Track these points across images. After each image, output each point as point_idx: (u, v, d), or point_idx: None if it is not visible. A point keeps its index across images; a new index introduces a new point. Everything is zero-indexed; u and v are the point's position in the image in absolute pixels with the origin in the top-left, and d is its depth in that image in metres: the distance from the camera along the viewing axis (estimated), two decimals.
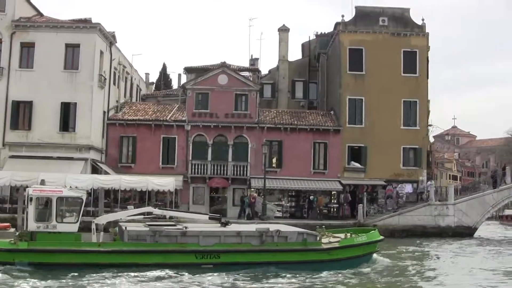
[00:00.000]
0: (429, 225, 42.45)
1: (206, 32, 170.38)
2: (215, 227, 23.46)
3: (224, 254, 21.59)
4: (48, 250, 20.99)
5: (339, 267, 22.40)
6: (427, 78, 50.08)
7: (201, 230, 22.22)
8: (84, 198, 22.45)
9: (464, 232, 42.34)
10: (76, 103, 44.17)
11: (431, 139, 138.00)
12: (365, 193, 45.98)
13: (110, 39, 47.25)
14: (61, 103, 44.09)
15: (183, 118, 47.63)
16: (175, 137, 47.60)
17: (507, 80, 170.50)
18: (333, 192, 47.66)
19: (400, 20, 49.23)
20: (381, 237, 25.45)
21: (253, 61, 61.71)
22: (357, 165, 47.55)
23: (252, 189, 44.70)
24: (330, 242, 23.57)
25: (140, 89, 58.29)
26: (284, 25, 56.42)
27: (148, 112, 49.51)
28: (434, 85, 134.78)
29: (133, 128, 47.58)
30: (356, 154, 47.82)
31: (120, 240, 21.72)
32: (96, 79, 44.73)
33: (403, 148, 47.99)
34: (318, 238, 23.12)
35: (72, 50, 44.60)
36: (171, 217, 28.33)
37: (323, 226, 25.94)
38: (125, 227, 21.82)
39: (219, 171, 46.92)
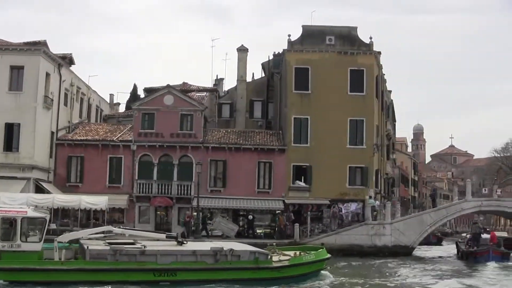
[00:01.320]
0: (366, 245, 42.25)
1: (176, 52, 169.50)
2: (171, 245, 24.45)
3: (181, 272, 22.77)
4: (13, 268, 21.87)
5: (289, 283, 23.76)
6: (377, 96, 50.00)
7: (159, 249, 23.39)
8: (48, 218, 23.36)
9: (401, 252, 41.90)
10: (19, 123, 44.76)
11: (428, 158, 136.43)
12: (309, 213, 45.65)
13: (58, 61, 47.87)
14: (5, 123, 44.70)
15: (130, 138, 47.96)
16: (121, 157, 47.98)
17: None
18: (277, 212, 47.38)
19: (347, 38, 49.22)
20: (329, 255, 27.13)
21: (218, 81, 62.25)
22: (302, 184, 47.44)
23: (188, 210, 44.88)
24: (280, 260, 24.76)
25: (102, 110, 58.85)
26: (242, 45, 56.76)
27: (100, 132, 50.02)
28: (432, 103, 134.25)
29: (81, 148, 48.13)
30: (301, 173, 47.71)
31: (82, 259, 22.76)
32: (41, 100, 45.32)
33: (349, 167, 47.69)
34: (269, 257, 24.42)
35: (17, 71, 45.27)
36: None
37: (274, 244, 27.78)
38: (87, 246, 22.79)
39: (164, 190, 47.19)
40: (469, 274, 31.84)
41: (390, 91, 64.02)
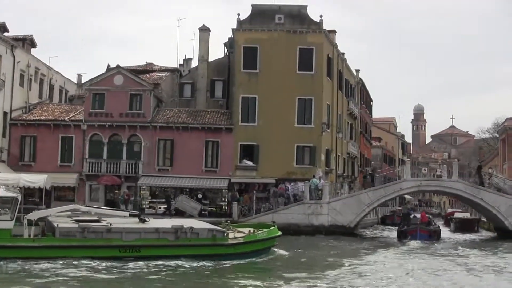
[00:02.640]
0: (302, 224, 42.25)
1: (147, 33, 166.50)
2: (134, 223, 25.62)
3: (144, 248, 24.07)
4: None
5: (243, 259, 25.20)
6: (330, 76, 49.92)
7: (124, 226, 24.63)
8: (19, 198, 24.37)
9: (338, 231, 41.91)
10: None
11: (429, 139, 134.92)
12: (254, 191, 45.85)
13: (11, 42, 48.46)
14: None
15: (81, 118, 48.57)
16: (72, 137, 48.65)
17: None
18: (224, 190, 47.66)
19: (297, 17, 48.95)
20: (280, 233, 28.61)
21: (186, 61, 62.27)
22: (249, 163, 47.61)
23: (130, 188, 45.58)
24: (235, 237, 26.13)
25: (67, 91, 59.46)
26: (203, 25, 56.45)
27: (55, 112, 50.65)
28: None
29: (34, 128, 48.88)
30: (249, 152, 47.83)
31: (52, 236, 23.82)
32: None
33: (297, 146, 47.65)
34: (225, 234, 25.74)
35: None
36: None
37: (228, 221, 30.22)
38: (57, 224, 24.00)
39: (113, 169, 47.77)
40: (373, 252, 31.84)
41: (358, 70, 63.66)
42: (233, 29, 49.21)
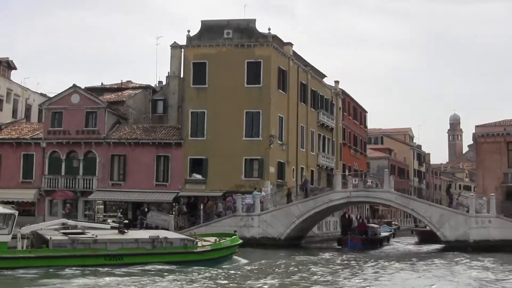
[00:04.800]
0: None
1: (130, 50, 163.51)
2: (115, 234, 28.39)
3: (126, 257, 26.86)
4: None
5: (210, 264, 27.81)
6: (283, 88, 50.14)
7: (108, 237, 27.45)
8: (16, 214, 26.88)
9: (268, 244, 41.90)
10: None
11: (465, 148, 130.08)
12: (202, 205, 46.41)
13: None
14: None
15: (40, 136, 50.57)
16: (33, 154, 50.66)
17: None
18: (174, 204, 48.43)
19: (245, 31, 49.33)
20: (241, 241, 32.00)
21: (169, 78, 63.42)
22: (198, 176, 48.21)
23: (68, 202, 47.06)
24: (203, 246, 29.11)
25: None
26: (175, 42, 57.63)
27: (23, 131, 52.87)
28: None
29: None
30: (198, 166, 48.42)
31: (46, 247, 26.25)
32: None
33: (245, 159, 47.90)
34: (195, 243, 28.76)
35: None
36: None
37: (195, 232, 33.23)
38: (50, 237, 26.46)
39: (70, 184, 49.47)
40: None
41: (337, 82, 63.31)
42: (182, 46, 49.98)
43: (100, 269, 25.28)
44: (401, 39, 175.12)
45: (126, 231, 29.01)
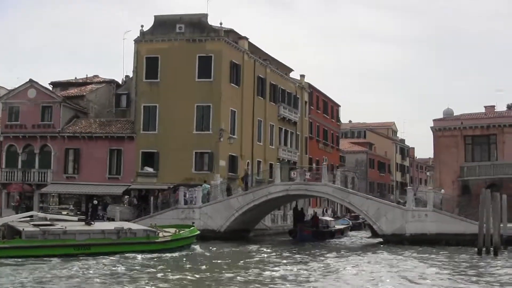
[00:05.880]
0: None
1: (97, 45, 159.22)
2: (82, 225, 30.28)
3: (93, 247, 28.59)
4: None
5: (171, 253, 29.78)
6: (236, 82, 50.51)
7: (76, 229, 29.33)
8: None
9: (209, 236, 42.31)
10: None
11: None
12: (152, 197, 47.00)
13: None
14: None
15: None
16: None
17: None
18: (125, 196, 49.07)
19: (197, 26, 49.77)
20: (198, 232, 34.20)
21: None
22: (150, 170, 48.84)
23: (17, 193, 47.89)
24: (164, 236, 31.09)
25: None
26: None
27: None
28: None
29: None
30: (150, 159, 49.04)
31: (19, 238, 27.82)
32: None
33: (196, 152, 48.42)
34: (157, 233, 30.79)
35: None
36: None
37: (155, 224, 33.95)
38: (22, 228, 28.14)
39: (27, 177, 50.29)
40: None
41: (303, 76, 63.50)
42: (135, 41, 50.48)
43: (69, 258, 26.61)
44: (395, 34, 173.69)
45: (92, 222, 30.90)
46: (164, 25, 50.21)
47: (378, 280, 22.33)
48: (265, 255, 31.83)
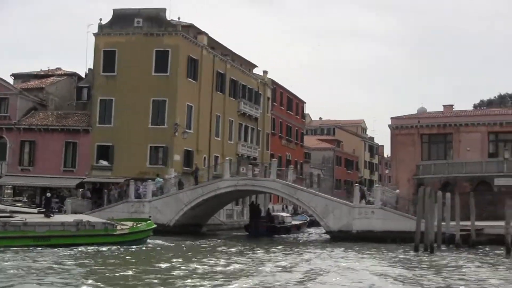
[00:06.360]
0: None
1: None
2: (42, 218, 30.65)
3: (53, 238, 28.93)
4: None
5: (129, 245, 30.57)
6: (193, 77, 50.65)
7: (36, 220, 29.68)
8: None
9: (159, 230, 42.38)
10: None
11: None
12: (105, 191, 47.02)
13: None
14: None
15: None
16: None
17: None
18: (79, 189, 49.12)
19: (155, 20, 49.91)
20: (155, 225, 34.65)
21: None
22: (105, 163, 48.94)
23: None
24: (122, 229, 31.63)
25: None
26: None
27: None
28: None
29: None
30: (105, 152, 49.12)
31: None
32: None
33: (150, 146, 48.57)
34: (115, 226, 31.37)
35: None
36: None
37: (113, 217, 34.49)
38: None
39: None
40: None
41: (265, 72, 63.72)
42: (94, 34, 50.49)
43: (29, 250, 26.79)
44: (371, 31, 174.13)
45: (52, 215, 31.30)
46: (122, 18, 50.31)
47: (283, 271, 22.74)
48: (210, 249, 32.44)
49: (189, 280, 19.77)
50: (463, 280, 21.54)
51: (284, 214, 53.72)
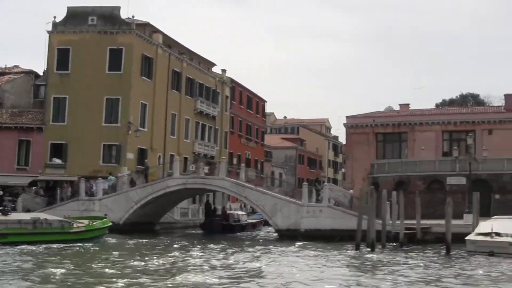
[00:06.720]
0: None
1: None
2: None
3: (10, 236, 29.20)
4: None
5: (85, 242, 31.08)
6: (148, 76, 50.67)
7: None
8: None
9: (110, 228, 42.39)
10: None
11: None
12: (58, 189, 46.86)
13: None
14: None
15: None
16: None
17: None
18: (32, 187, 48.90)
19: (109, 18, 49.90)
20: (110, 223, 35.16)
21: None
22: (58, 161, 48.82)
23: None
24: (78, 227, 32.23)
25: None
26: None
27: None
28: None
29: None
30: (58, 151, 49.00)
31: None
32: None
33: (104, 145, 48.56)
34: (71, 224, 31.89)
35: None
36: None
37: (69, 215, 34.74)
38: None
39: None
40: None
41: (224, 70, 63.94)
42: (48, 32, 50.32)
43: None
44: (344, 31, 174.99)
45: (9, 213, 31.47)
46: (76, 16, 50.27)
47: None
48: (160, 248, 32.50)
49: (123, 279, 19.79)
50: (384, 277, 21.82)
51: (239, 212, 54.01)
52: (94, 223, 33.70)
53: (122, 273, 21.36)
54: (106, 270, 22.07)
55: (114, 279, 19.54)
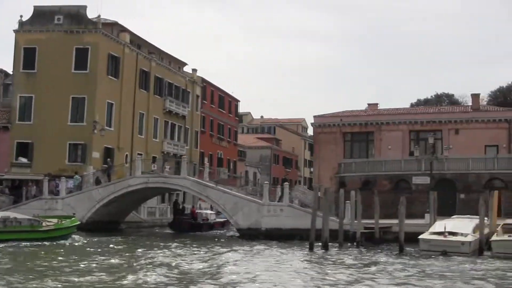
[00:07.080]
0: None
1: None
2: None
3: None
4: None
5: (54, 241, 31.81)
6: (115, 75, 50.82)
7: None
8: None
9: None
10: None
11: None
12: (24, 188, 47.00)
13: None
14: None
15: None
16: None
17: None
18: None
19: (76, 17, 50.01)
20: (79, 222, 35.79)
21: None
22: (24, 160, 48.86)
23: None
24: (48, 225, 32.81)
25: None
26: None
27: None
28: None
29: None
30: (24, 150, 49.06)
31: None
32: None
33: (69, 144, 48.67)
34: (40, 222, 32.61)
35: None
36: None
37: (38, 214, 35.25)
38: None
39: None
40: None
41: (195, 70, 64.19)
42: (14, 31, 50.36)
43: None
44: (321, 31, 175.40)
45: None
46: (43, 15, 50.33)
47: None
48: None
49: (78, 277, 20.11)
50: (314, 277, 22.05)
51: (208, 211, 54.21)
52: (63, 221, 34.22)
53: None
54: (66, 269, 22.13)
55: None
